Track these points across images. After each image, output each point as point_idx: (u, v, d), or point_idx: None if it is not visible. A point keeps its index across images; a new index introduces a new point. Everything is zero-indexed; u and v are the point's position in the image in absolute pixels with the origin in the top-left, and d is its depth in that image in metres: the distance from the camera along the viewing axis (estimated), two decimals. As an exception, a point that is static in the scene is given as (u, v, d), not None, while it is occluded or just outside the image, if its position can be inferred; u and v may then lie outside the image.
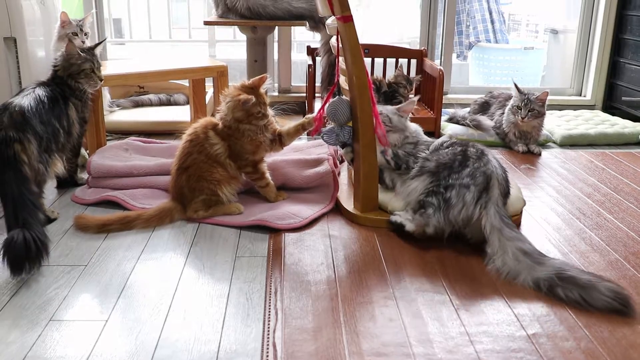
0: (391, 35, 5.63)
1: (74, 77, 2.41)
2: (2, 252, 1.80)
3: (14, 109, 2.13)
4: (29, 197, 1.97)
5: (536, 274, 1.78)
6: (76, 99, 2.41)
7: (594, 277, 1.75)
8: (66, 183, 2.57)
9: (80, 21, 3.28)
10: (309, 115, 2.40)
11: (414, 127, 2.39)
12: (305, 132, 2.41)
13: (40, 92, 2.28)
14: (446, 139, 2.26)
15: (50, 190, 2.51)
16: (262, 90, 2.29)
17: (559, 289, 1.73)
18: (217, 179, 2.25)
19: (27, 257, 1.81)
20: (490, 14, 5.58)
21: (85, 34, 3.29)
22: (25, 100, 2.19)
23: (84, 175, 2.59)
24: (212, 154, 2.26)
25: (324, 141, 2.31)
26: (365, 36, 5.59)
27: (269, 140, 2.34)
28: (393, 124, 2.30)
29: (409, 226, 2.06)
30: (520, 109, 3.15)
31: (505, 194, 2.08)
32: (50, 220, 2.22)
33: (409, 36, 5.49)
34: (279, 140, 2.37)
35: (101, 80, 2.49)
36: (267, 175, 2.39)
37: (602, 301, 1.68)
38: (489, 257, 1.90)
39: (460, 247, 2.04)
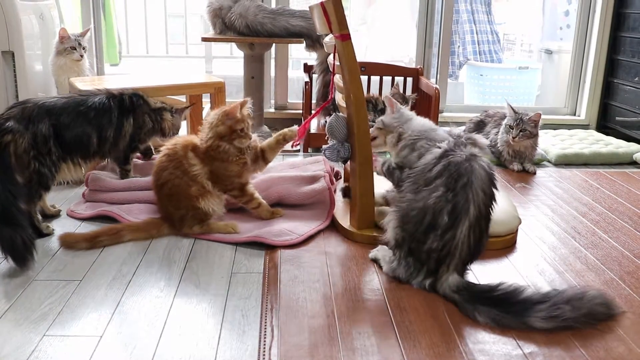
0: (401, 53, 5.66)
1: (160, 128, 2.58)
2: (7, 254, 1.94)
3: (32, 103, 2.23)
4: (8, 186, 2.01)
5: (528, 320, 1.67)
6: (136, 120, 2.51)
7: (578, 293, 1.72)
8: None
9: (78, 36, 3.29)
10: (293, 127, 2.36)
11: (420, 124, 2.12)
12: (291, 144, 2.36)
13: (85, 98, 2.38)
14: (441, 151, 1.92)
15: (52, 198, 2.50)
16: (244, 111, 2.23)
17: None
18: (195, 195, 2.22)
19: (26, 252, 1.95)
20: (483, 34, 5.63)
21: (84, 48, 3.31)
22: (54, 100, 2.30)
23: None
24: (189, 172, 2.21)
25: (326, 157, 2.30)
26: (375, 54, 5.63)
27: (252, 160, 2.30)
28: (386, 124, 2.16)
29: (385, 268, 1.97)
30: (512, 129, 3.18)
31: (472, 256, 1.84)
32: (43, 235, 2.22)
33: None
34: (262, 157, 2.33)
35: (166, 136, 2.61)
36: (257, 195, 2.35)
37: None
38: None
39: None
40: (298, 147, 2.85)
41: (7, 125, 2.14)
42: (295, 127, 2.35)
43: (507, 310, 1.69)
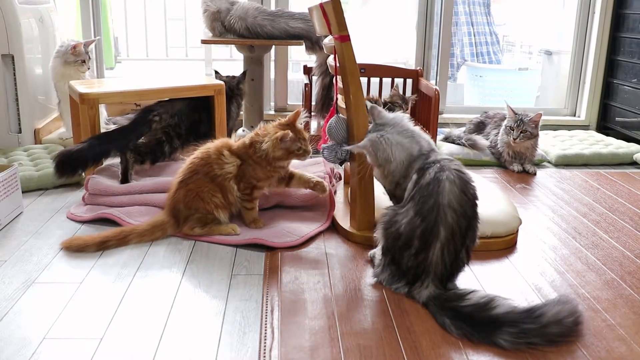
0: (394, 55, 5.66)
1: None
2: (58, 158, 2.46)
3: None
4: (127, 134, 2.62)
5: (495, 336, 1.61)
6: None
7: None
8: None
9: (88, 47, 3.29)
10: (325, 184, 2.37)
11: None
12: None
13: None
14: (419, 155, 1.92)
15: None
16: (298, 125, 2.25)
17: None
18: (215, 204, 2.23)
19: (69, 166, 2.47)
20: (481, 35, 5.64)
21: (90, 59, 3.32)
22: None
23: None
24: (219, 175, 2.22)
25: (324, 157, 2.30)
26: (366, 55, 5.63)
27: (278, 179, 2.33)
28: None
29: (374, 271, 1.97)
30: (513, 130, 3.18)
31: (451, 273, 1.79)
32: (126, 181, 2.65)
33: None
34: (287, 181, 2.36)
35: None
36: (257, 202, 2.34)
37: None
38: None
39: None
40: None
41: (154, 109, 2.75)
42: (326, 184, 2.37)
43: (475, 327, 1.63)
